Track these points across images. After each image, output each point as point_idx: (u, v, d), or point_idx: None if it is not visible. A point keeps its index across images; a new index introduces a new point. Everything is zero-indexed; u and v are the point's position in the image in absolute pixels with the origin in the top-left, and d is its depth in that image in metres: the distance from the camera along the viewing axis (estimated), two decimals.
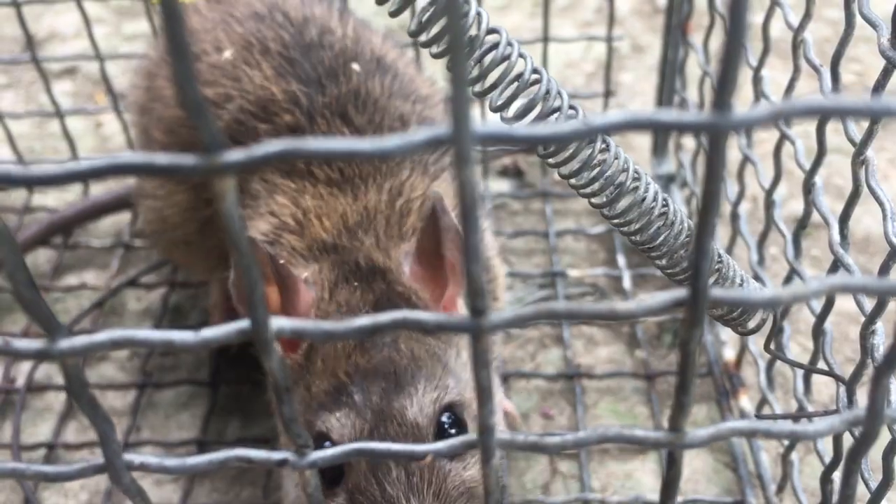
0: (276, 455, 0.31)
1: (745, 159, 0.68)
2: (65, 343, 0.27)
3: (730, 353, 0.77)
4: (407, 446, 0.31)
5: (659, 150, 0.94)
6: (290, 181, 0.63)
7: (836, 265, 0.50)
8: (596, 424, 0.75)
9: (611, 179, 0.39)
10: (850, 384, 0.48)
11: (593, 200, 0.40)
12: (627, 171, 0.39)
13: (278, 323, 0.26)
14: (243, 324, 0.26)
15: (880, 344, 0.46)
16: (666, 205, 0.41)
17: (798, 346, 0.77)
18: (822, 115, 0.51)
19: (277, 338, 0.26)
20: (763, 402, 0.67)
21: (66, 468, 0.31)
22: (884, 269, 0.45)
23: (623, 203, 0.40)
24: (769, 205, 0.61)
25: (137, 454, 0.32)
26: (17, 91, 1.16)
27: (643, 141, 0.99)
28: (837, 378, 0.49)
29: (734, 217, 0.71)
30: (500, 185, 0.99)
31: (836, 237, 0.50)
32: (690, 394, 0.28)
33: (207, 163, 0.22)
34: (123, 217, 0.96)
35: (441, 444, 0.30)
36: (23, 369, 0.83)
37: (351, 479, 0.51)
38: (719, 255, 0.44)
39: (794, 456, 0.62)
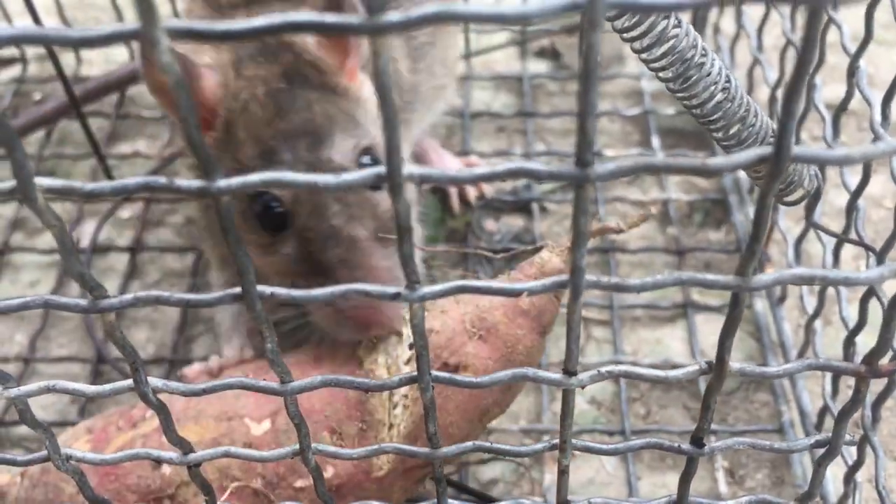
0: (391, 289, 0.35)
1: (788, 43, 0.70)
2: (223, 182, 0.30)
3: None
4: (505, 284, 0.35)
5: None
6: None
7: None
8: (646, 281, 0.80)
9: (681, 55, 0.42)
10: (882, 254, 0.53)
11: (661, 75, 0.43)
12: (696, 48, 0.42)
13: (409, 169, 0.30)
14: (380, 169, 0.30)
15: None
16: (728, 81, 0.45)
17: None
18: None
19: (406, 181, 0.30)
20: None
21: (207, 296, 0.36)
22: None
23: (690, 78, 0.43)
24: (810, 87, 0.64)
25: (266, 287, 0.36)
26: None
27: None
28: (868, 248, 0.53)
29: (771, 101, 0.74)
30: (538, 66, 1.01)
31: (878, 118, 0.53)
32: (761, 242, 0.32)
33: None
34: None
35: (534, 284, 0.35)
36: (87, 230, 0.87)
37: (297, 223, 0.57)
38: (757, 112, 0.47)
39: (818, 324, 0.67)
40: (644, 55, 0.42)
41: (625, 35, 0.42)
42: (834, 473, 0.64)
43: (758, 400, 0.72)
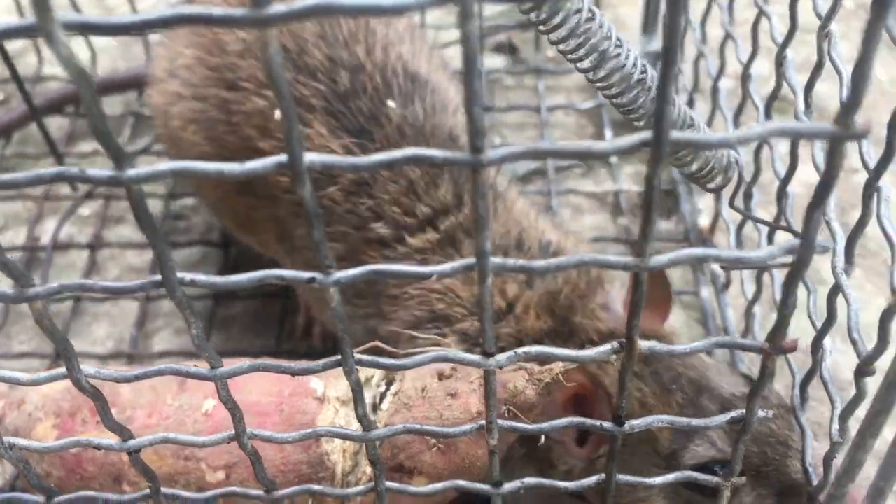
0: (305, 274, 0.36)
1: (727, 36, 0.72)
2: (132, 172, 0.32)
3: (705, 221, 0.83)
4: (416, 268, 0.37)
5: (649, 27, 0.97)
6: None
7: None
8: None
9: (595, 46, 0.43)
10: (805, 237, 0.54)
11: (579, 65, 0.45)
12: (610, 40, 0.44)
13: (310, 157, 0.31)
14: (281, 158, 0.31)
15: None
16: (644, 71, 0.46)
17: (767, 214, 0.82)
18: None
19: (308, 169, 0.32)
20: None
21: (129, 284, 0.37)
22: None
23: (605, 68, 0.44)
24: (745, 78, 0.66)
25: (185, 274, 0.37)
26: None
27: (634, 20, 1.02)
28: (794, 233, 0.55)
29: (714, 91, 0.76)
30: (495, 62, 1.03)
31: (801, 106, 0.55)
32: (653, 223, 0.33)
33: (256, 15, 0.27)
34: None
35: (444, 267, 0.36)
36: (47, 228, 0.88)
37: None
38: (692, 118, 0.48)
39: (757, 309, 0.69)
40: (561, 46, 0.44)
41: (541, 28, 0.43)
42: None
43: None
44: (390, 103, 0.66)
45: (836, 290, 0.49)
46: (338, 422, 0.57)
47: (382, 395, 0.58)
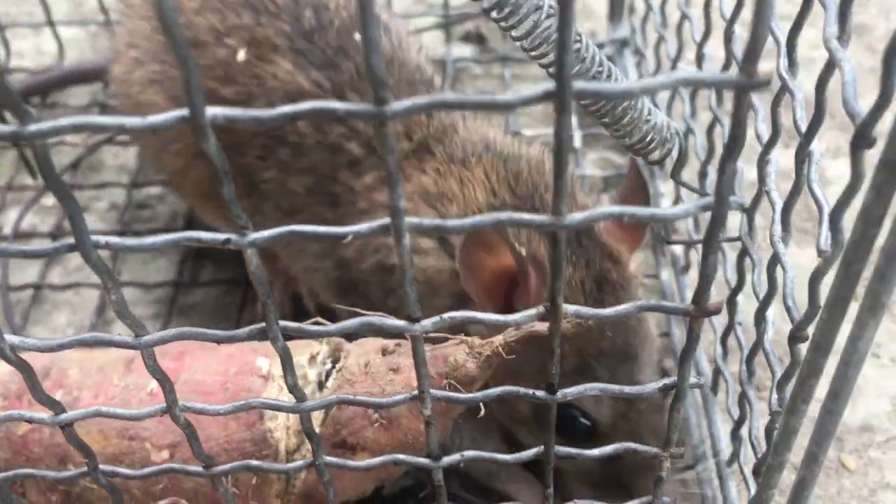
0: (221, 235, 0.36)
1: (683, 17, 0.72)
2: (33, 127, 0.31)
3: (666, 204, 0.82)
4: (331, 229, 0.36)
5: (615, 15, 0.97)
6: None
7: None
8: None
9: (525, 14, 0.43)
10: (750, 211, 0.54)
11: (542, 62, 0.45)
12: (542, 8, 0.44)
13: (212, 111, 0.31)
14: (183, 112, 0.31)
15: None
16: (602, 64, 0.46)
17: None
18: None
19: (210, 123, 0.31)
20: (692, 243, 0.73)
21: (42, 247, 0.37)
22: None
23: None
24: (699, 58, 0.66)
25: (100, 237, 0.37)
26: None
27: (601, 8, 1.02)
28: (742, 207, 0.55)
29: None
30: (462, 51, 1.03)
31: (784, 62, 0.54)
32: (565, 179, 0.33)
33: None
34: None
35: (361, 227, 0.36)
36: (10, 218, 0.88)
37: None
38: (601, 62, 0.48)
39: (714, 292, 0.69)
40: (520, 42, 0.44)
41: (501, 25, 0.43)
42: (726, 429, 0.65)
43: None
44: (357, 36, 0.67)
45: (775, 261, 0.49)
46: (282, 398, 0.56)
47: (328, 373, 0.57)
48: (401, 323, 0.40)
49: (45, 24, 1.02)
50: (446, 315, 0.41)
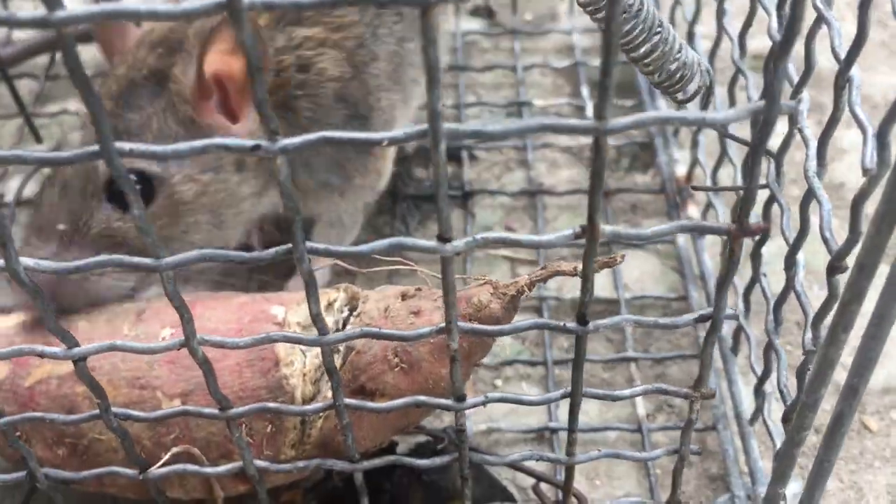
0: (249, 142, 0.35)
1: None
2: (62, 13, 0.30)
3: (681, 170, 0.81)
4: (366, 134, 0.35)
5: None
6: None
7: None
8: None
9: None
10: (779, 156, 0.53)
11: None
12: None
13: None
14: None
15: None
16: (661, 25, 0.45)
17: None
18: None
19: (249, 7, 0.30)
20: (709, 205, 0.72)
21: (66, 153, 0.35)
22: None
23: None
24: (720, 13, 0.65)
25: (130, 143, 0.35)
26: None
27: None
28: (743, 142, 0.54)
29: (690, 37, 0.75)
30: (471, 24, 1.02)
31: (775, 24, 0.54)
32: (611, 76, 0.32)
33: None
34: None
35: (397, 133, 0.35)
36: (12, 186, 0.86)
37: None
38: (661, 22, 0.47)
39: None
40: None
41: None
42: (749, 394, 0.64)
43: (679, 329, 0.72)
44: None
45: (809, 198, 0.48)
46: (299, 350, 0.55)
47: (345, 321, 0.56)
48: (431, 243, 0.39)
49: None
50: (479, 235, 0.39)
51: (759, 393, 0.58)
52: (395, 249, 0.40)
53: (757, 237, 0.59)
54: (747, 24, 0.61)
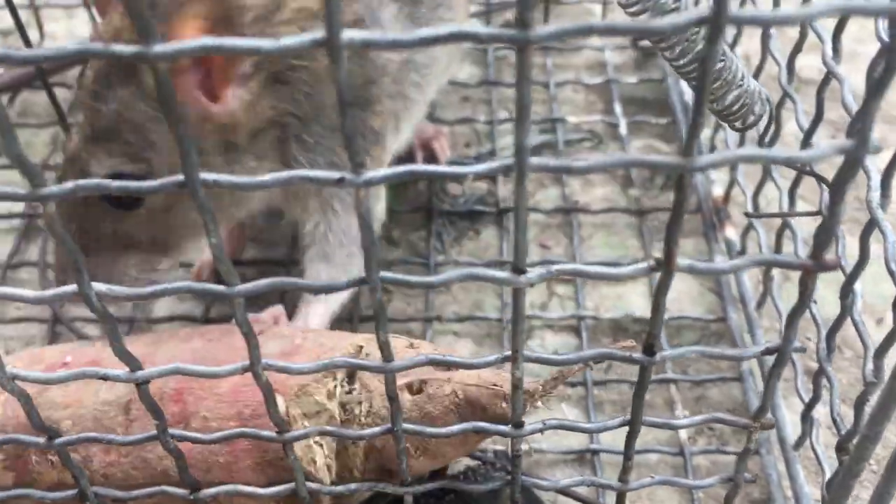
0: (335, 174, 0.35)
1: None
2: (159, 47, 0.30)
3: (718, 191, 0.81)
4: (453, 169, 0.35)
5: None
6: None
7: None
8: (590, 251, 0.80)
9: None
10: (834, 187, 0.53)
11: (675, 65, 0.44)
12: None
13: (349, 34, 0.30)
14: (319, 34, 0.30)
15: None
16: (724, 54, 0.46)
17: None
18: None
19: (346, 46, 0.30)
20: (749, 228, 0.72)
21: (153, 183, 0.35)
22: None
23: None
24: None
25: (207, 174, 0.35)
26: None
27: None
28: (820, 178, 0.54)
29: None
30: None
31: None
32: (703, 113, 0.32)
33: None
34: None
35: (480, 167, 0.35)
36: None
37: None
38: (724, 51, 0.47)
39: (775, 272, 0.68)
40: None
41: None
42: (792, 419, 0.64)
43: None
44: None
45: (870, 228, 0.48)
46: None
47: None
48: (505, 275, 0.39)
49: (79, 5, 1.00)
50: (554, 268, 0.39)
51: (806, 419, 0.58)
52: (468, 280, 0.40)
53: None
54: (797, 49, 0.61)
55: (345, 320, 0.75)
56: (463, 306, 0.76)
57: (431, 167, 0.35)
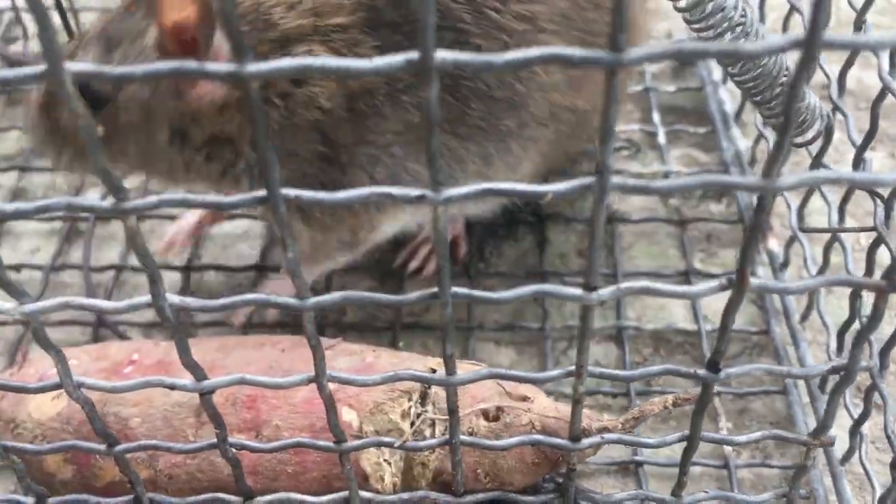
0: (414, 191, 0.35)
1: None
2: (252, 67, 0.30)
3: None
4: (530, 187, 0.35)
5: None
6: None
7: None
8: (632, 262, 0.80)
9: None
10: (890, 200, 0.53)
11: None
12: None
13: (442, 54, 0.30)
14: (412, 55, 0.30)
15: None
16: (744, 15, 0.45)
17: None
18: None
19: (438, 67, 0.30)
20: (793, 239, 0.72)
21: (233, 198, 0.36)
22: None
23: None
24: None
25: (290, 190, 0.36)
26: None
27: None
28: (876, 195, 0.54)
29: None
30: None
31: None
32: (789, 136, 0.32)
33: None
34: None
35: (560, 186, 0.35)
36: (88, 199, 0.87)
37: None
38: (787, 67, 0.47)
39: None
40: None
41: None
42: (836, 433, 0.64)
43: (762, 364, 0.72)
44: None
45: None
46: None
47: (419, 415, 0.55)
48: (577, 292, 0.39)
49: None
50: (624, 285, 0.40)
51: (854, 434, 0.58)
52: (539, 296, 0.40)
53: None
54: (848, 64, 0.61)
55: (385, 329, 0.75)
56: (504, 315, 0.77)
57: (510, 185, 0.35)
